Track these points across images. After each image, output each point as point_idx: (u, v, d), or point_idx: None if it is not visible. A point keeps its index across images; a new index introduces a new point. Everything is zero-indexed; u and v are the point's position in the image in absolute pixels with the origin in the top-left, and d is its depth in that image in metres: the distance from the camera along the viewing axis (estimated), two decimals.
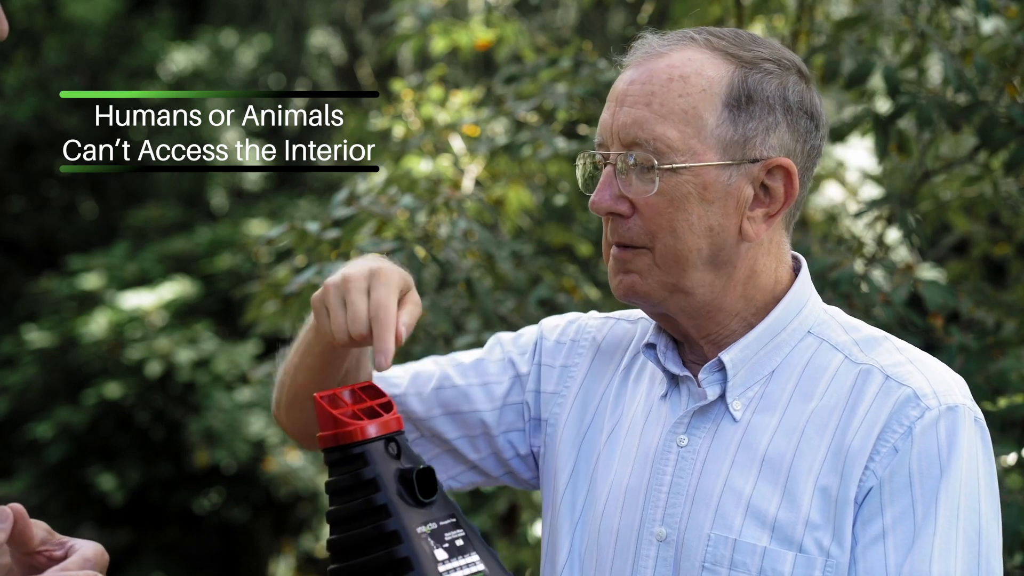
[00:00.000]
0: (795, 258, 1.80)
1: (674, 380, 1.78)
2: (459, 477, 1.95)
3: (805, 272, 1.78)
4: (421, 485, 1.57)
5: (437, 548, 1.54)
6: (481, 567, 1.56)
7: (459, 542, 1.57)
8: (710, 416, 1.74)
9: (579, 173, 1.79)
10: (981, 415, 1.69)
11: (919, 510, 1.63)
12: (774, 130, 1.70)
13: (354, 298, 1.68)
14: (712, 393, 1.73)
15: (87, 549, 1.53)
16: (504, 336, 1.97)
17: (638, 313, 1.91)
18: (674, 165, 1.68)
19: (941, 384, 1.68)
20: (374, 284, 1.68)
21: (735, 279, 1.72)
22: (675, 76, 1.69)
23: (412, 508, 1.56)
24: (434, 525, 1.56)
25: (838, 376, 1.71)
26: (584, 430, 1.85)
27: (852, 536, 1.65)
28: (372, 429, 1.58)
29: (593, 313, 1.96)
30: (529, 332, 1.96)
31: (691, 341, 1.78)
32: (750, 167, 1.70)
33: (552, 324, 1.95)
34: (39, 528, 1.53)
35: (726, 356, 1.73)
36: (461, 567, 1.55)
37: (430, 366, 1.95)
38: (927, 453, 1.64)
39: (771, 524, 1.66)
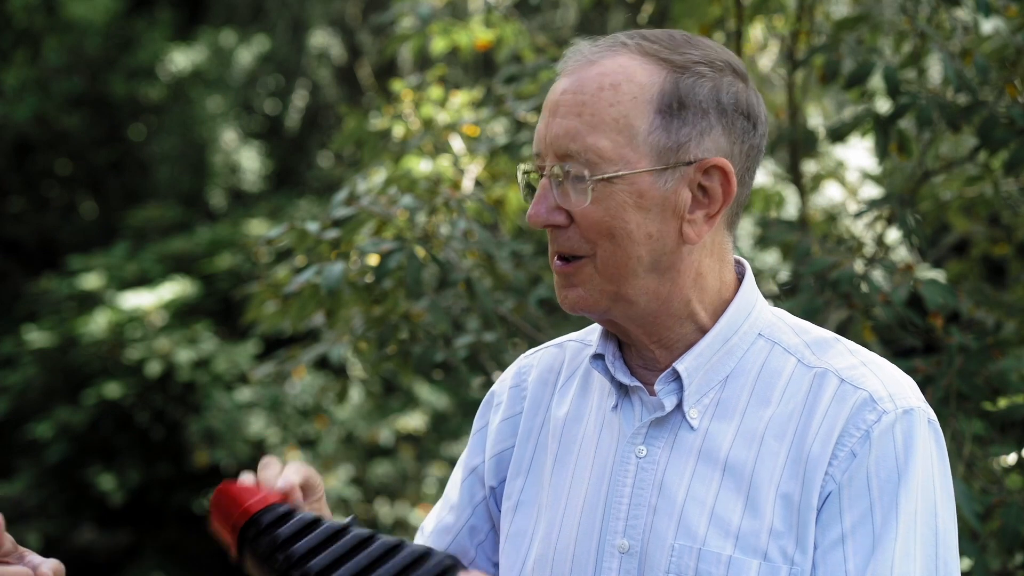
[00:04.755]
0: (739, 263, 1.79)
1: (624, 390, 1.77)
2: None
3: (750, 275, 1.78)
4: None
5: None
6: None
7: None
8: (667, 426, 1.72)
9: (520, 185, 1.78)
10: (935, 416, 1.70)
11: (878, 515, 1.63)
12: (708, 133, 1.69)
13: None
14: (669, 404, 1.72)
15: (53, 562, 1.67)
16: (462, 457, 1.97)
17: (564, 337, 1.91)
18: (607, 175, 1.66)
19: (896, 387, 1.68)
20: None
21: (680, 283, 1.71)
22: (605, 85, 1.67)
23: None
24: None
25: (793, 380, 1.70)
26: (529, 458, 1.84)
27: (813, 541, 1.64)
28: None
29: (528, 352, 1.95)
30: (475, 424, 1.95)
31: (640, 345, 1.76)
32: (685, 170, 1.68)
33: (498, 385, 1.94)
34: (7, 540, 1.68)
35: (680, 365, 1.72)
36: None
37: None
38: (885, 458, 1.64)
39: (735, 533, 1.65)
